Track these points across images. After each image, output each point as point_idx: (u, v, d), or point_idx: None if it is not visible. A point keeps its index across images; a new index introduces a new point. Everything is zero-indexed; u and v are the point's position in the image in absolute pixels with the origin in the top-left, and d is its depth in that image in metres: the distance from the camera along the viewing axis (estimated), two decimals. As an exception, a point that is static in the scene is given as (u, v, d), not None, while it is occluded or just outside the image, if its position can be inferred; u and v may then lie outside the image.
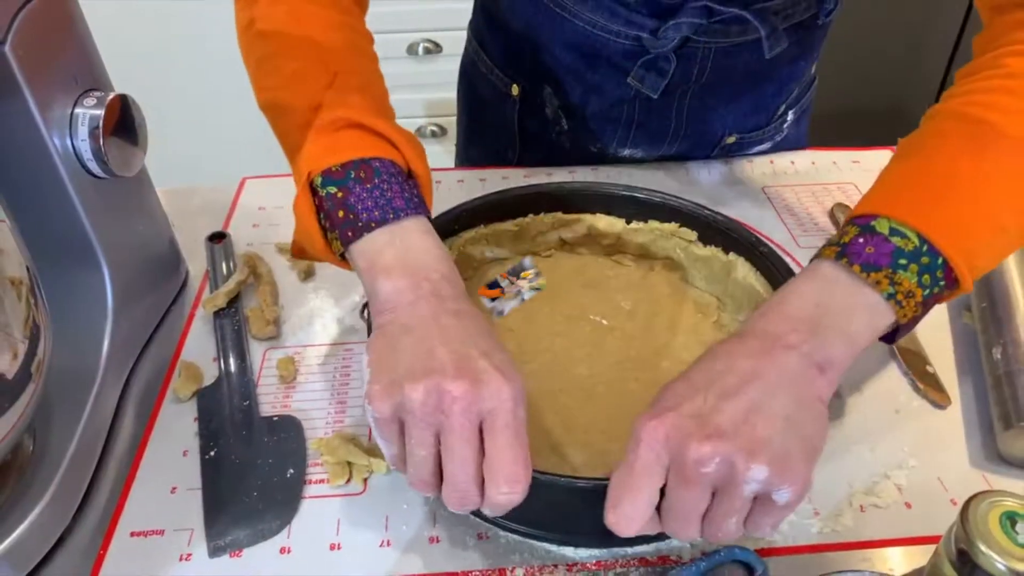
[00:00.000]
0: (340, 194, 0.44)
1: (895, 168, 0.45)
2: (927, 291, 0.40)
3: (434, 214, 0.48)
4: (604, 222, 0.60)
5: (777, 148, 0.79)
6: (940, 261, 0.40)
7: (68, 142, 0.47)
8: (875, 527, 0.45)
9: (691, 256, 0.59)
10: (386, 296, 0.42)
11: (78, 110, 0.47)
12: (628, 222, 0.60)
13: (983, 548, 0.34)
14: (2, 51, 0.42)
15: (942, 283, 0.41)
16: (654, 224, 0.60)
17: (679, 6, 0.61)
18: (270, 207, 0.71)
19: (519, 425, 0.37)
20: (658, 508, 0.37)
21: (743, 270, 0.56)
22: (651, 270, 0.61)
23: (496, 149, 0.82)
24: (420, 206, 0.45)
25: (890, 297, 0.39)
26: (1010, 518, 0.35)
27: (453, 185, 0.74)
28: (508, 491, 0.36)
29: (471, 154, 0.87)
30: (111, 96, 0.48)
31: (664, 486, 0.37)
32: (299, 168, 0.46)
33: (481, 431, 0.37)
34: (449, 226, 0.57)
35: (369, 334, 0.44)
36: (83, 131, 0.47)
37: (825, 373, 0.38)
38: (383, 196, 0.44)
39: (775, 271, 0.52)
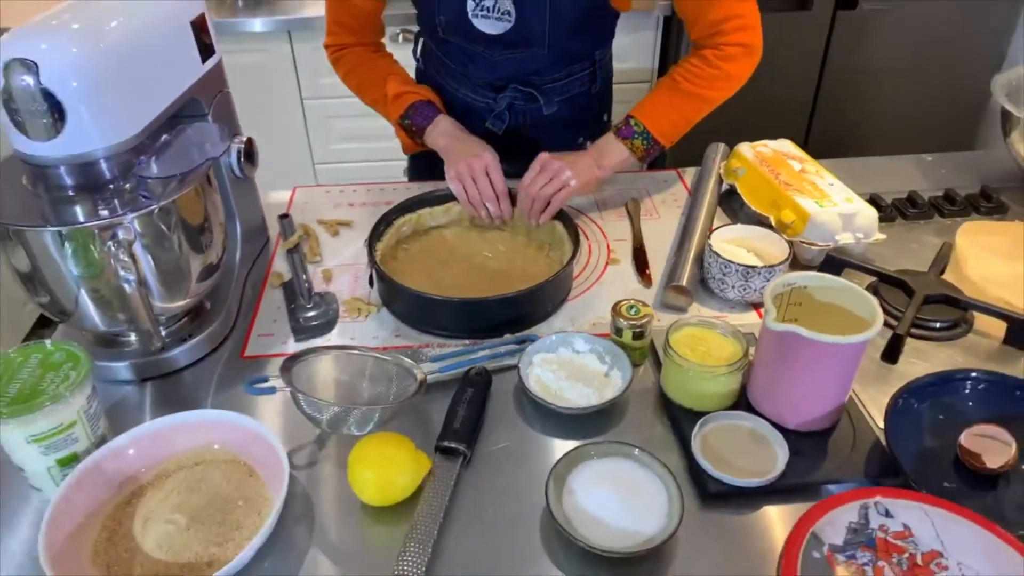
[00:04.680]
0: (409, 121, 1.12)
1: (646, 98, 1.12)
2: (646, 147, 1.08)
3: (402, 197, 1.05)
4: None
5: None
6: (651, 138, 1.06)
7: (229, 160, 1.02)
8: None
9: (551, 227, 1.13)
10: (443, 140, 1.15)
11: (233, 144, 1.02)
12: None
13: (620, 313, 0.88)
14: (208, 119, 0.98)
15: (652, 145, 1.08)
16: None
17: (504, 87, 1.20)
18: (310, 200, 1.26)
19: (498, 172, 1.05)
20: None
21: (560, 228, 1.11)
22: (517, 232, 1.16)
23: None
24: (439, 111, 1.15)
25: (630, 148, 1.07)
26: (630, 307, 0.90)
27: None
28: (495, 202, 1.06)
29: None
30: (245, 138, 1.04)
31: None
32: (391, 116, 1.20)
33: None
34: (411, 207, 1.12)
35: (370, 257, 0.99)
36: (234, 155, 1.02)
37: (601, 168, 1.07)
38: (424, 113, 1.13)
39: (573, 227, 1.08)
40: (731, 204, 1.22)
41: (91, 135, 0.78)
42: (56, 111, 0.75)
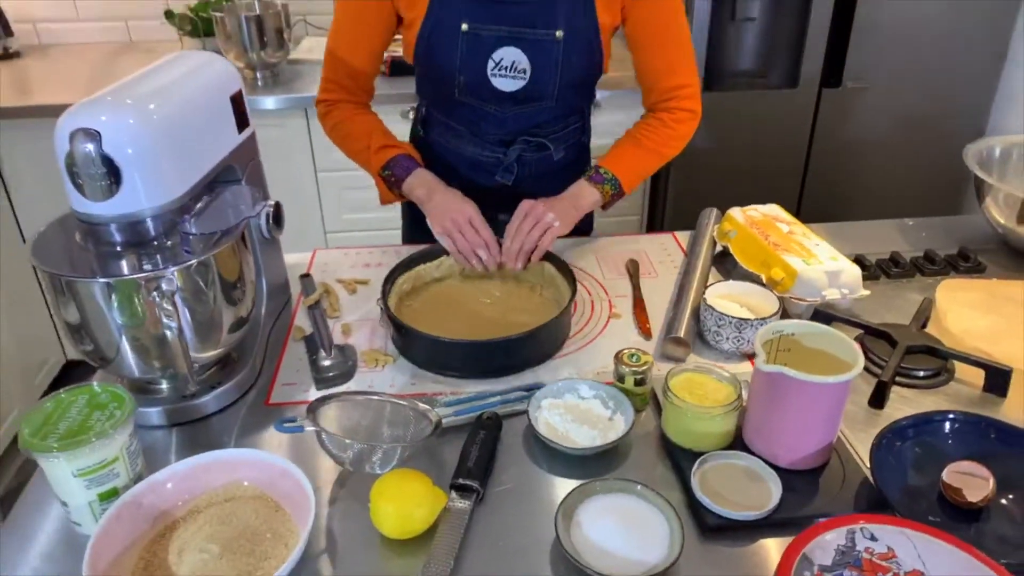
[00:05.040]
0: (388, 172, 1.20)
1: (612, 151, 1.25)
2: (613, 192, 1.19)
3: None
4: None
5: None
6: (618, 184, 1.17)
7: (259, 221, 1.10)
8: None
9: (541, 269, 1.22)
10: (421, 191, 1.21)
11: (263, 207, 1.11)
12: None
13: (622, 361, 0.95)
14: (242, 183, 1.07)
15: (618, 191, 1.19)
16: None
17: (513, 140, 1.31)
18: (329, 261, 1.34)
19: (482, 222, 1.16)
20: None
21: (548, 268, 1.19)
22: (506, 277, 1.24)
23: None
24: (419, 165, 1.21)
25: (600, 191, 1.18)
26: (631, 355, 0.96)
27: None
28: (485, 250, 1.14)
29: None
30: (273, 202, 1.12)
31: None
32: (372, 168, 1.24)
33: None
34: (408, 265, 1.20)
35: (383, 310, 1.07)
36: (263, 217, 1.11)
37: (577, 208, 1.16)
38: (403, 165, 1.20)
39: (563, 265, 1.16)
40: (724, 264, 1.30)
41: (141, 196, 0.86)
42: (113, 175, 0.83)
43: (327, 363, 1.07)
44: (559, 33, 1.19)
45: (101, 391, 0.83)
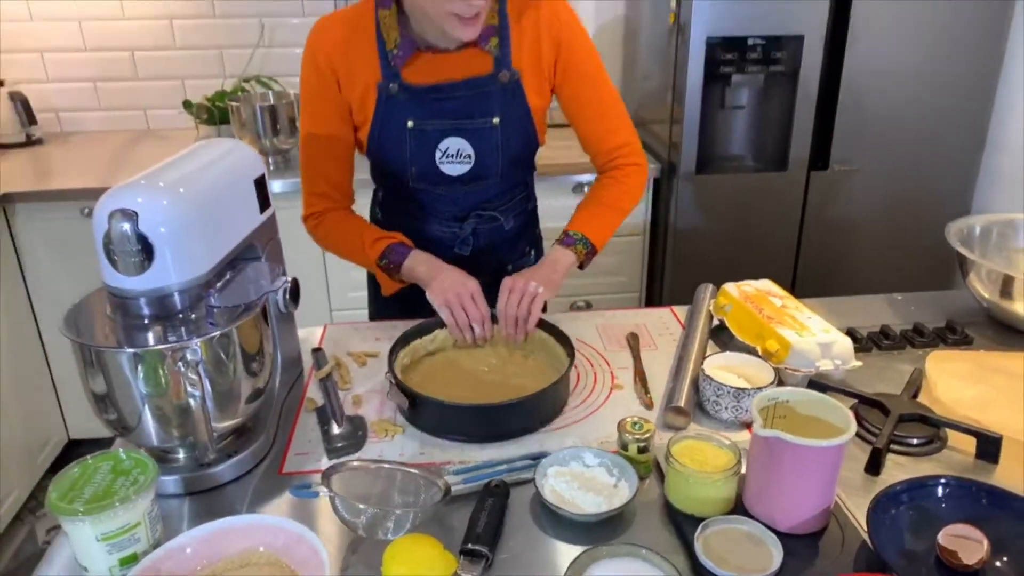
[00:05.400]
0: (386, 260, 1.25)
1: (576, 216, 1.36)
2: (586, 251, 1.26)
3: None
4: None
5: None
6: (589, 243, 1.23)
7: (276, 297, 1.15)
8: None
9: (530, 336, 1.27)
10: (422, 269, 1.27)
11: (282, 285, 1.16)
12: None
13: (625, 429, 0.99)
14: (262, 260, 1.12)
15: (590, 249, 1.30)
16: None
17: (467, 216, 1.40)
18: (339, 336, 1.39)
19: (482, 298, 1.17)
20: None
21: (538, 334, 1.24)
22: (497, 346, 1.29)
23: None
24: (411, 248, 1.27)
25: (575, 252, 1.25)
26: (634, 423, 1.00)
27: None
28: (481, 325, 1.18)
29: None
30: (291, 278, 1.18)
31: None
32: (369, 260, 1.29)
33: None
34: (406, 341, 1.25)
35: (392, 384, 1.11)
36: (281, 292, 1.16)
37: (556, 272, 1.24)
38: (399, 251, 1.25)
39: (560, 335, 1.22)
40: (721, 336, 1.35)
41: (171, 272, 0.92)
42: (146, 251, 0.89)
43: (338, 433, 1.11)
44: (496, 120, 1.31)
45: (126, 457, 0.86)
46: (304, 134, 1.34)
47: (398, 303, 1.42)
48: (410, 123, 1.30)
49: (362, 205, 1.49)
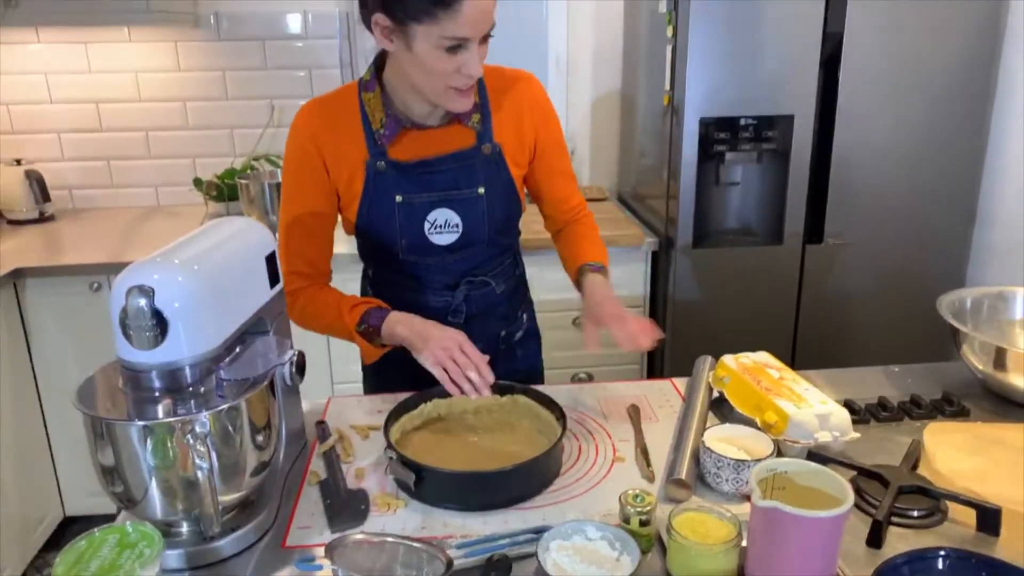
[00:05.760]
0: (365, 325, 1.27)
1: (574, 251, 1.49)
2: (604, 273, 1.41)
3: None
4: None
5: (525, 334, 1.61)
6: (603, 265, 1.32)
7: (283, 371, 1.17)
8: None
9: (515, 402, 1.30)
10: (402, 328, 1.29)
11: (290, 358, 1.19)
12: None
13: (627, 502, 1.00)
14: (270, 335, 1.15)
15: (604, 271, 1.41)
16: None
17: (458, 283, 1.44)
18: (343, 409, 1.40)
19: (472, 347, 1.18)
20: None
21: (521, 401, 1.28)
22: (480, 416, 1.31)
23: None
24: (388, 311, 1.32)
25: (604, 275, 1.41)
26: (636, 496, 1.01)
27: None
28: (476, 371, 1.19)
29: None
30: (298, 351, 1.20)
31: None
32: (348, 329, 1.31)
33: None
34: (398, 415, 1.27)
35: (389, 454, 1.13)
36: (287, 365, 1.18)
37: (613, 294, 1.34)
38: (377, 315, 1.28)
39: (551, 403, 1.25)
40: (720, 408, 1.37)
41: (183, 346, 0.94)
42: (160, 326, 0.92)
43: (341, 507, 1.11)
44: (481, 190, 1.38)
45: (132, 530, 0.87)
46: (285, 214, 1.39)
47: (389, 370, 1.44)
48: (399, 198, 1.35)
49: (352, 286, 1.54)
